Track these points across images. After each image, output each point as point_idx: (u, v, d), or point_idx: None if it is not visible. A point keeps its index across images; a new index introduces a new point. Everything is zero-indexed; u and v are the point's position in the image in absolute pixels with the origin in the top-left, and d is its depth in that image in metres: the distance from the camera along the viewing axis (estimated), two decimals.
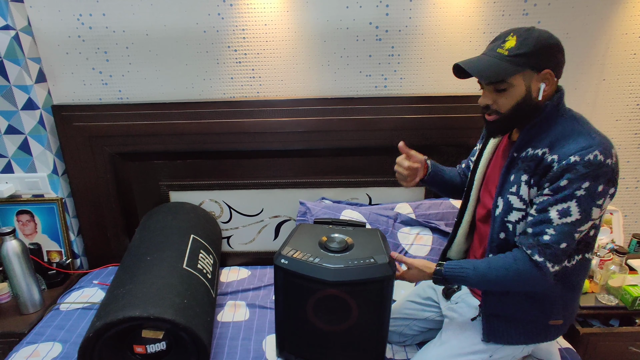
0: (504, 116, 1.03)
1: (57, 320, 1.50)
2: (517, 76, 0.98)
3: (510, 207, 1.05)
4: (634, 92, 1.75)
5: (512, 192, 1.05)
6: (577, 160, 0.92)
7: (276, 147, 1.75)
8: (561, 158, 0.94)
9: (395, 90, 1.75)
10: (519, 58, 0.96)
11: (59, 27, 1.62)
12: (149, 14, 1.61)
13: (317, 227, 1.37)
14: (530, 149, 1.03)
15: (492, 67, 0.97)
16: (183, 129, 1.71)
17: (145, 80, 1.72)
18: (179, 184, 1.83)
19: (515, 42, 0.97)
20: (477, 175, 1.22)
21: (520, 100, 1.00)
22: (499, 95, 1.01)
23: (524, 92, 1.00)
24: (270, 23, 1.63)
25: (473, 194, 1.23)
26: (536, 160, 1.01)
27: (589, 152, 0.91)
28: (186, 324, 1.16)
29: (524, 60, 0.97)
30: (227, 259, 1.95)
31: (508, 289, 1.06)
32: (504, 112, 1.02)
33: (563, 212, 0.95)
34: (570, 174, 0.93)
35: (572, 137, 0.96)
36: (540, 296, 1.08)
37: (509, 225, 1.06)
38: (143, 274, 1.31)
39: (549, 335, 1.13)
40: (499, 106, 1.02)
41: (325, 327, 1.22)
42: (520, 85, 0.99)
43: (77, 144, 1.72)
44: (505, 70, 0.97)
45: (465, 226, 1.27)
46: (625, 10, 1.63)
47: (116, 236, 1.88)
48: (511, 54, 0.97)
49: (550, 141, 0.99)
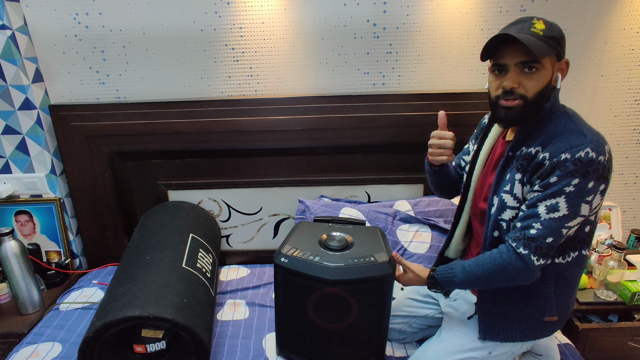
0: (529, 101, 0.98)
1: (56, 321, 1.50)
2: (547, 59, 0.96)
3: (504, 205, 1.06)
4: (633, 87, 1.75)
5: (506, 190, 1.05)
6: (567, 158, 0.92)
7: (274, 145, 1.75)
8: (552, 155, 0.94)
9: (393, 87, 1.75)
10: (552, 41, 0.94)
11: (55, 27, 1.61)
12: (145, 13, 1.60)
13: (317, 226, 1.36)
14: (524, 148, 1.03)
15: (536, 42, 0.92)
16: (181, 128, 1.71)
17: (142, 79, 1.71)
18: (178, 183, 1.82)
19: (545, 25, 0.95)
20: (474, 176, 1.20)
21: (545, 85, 0.97)
22: (527, 78, 0.97)
23: (549, 77, 0.98)
24: (268, 21, 1.63)
25: (470, 194, 1.22)
26: (529, 158, 1.01)
27: (580, 149, 0.91)
28: (186, 323, 1.16)
29: (554, 44, 0.95)
30: (226, 258, 1.95)
31: (496, 284, 1.06)
32: (530, 97, 0.97)
33: (551, 208, 0.95)
34: (560, 170, 0.93)
35: (564, 135, 0.96)
36: (535, 293, 1.08)
37: (503, 223, 1.07)
38: (142, 273, 1.31)
39: (545, 331, 1.13)
40: (526, 89, 0.97)
41: (325, 325, 1.22)
42: (549, 68, 0.97)
43: (75, 143, 1.72)
44: (545, 49, 0.92)
45: (462, 226, 1.27)
46: (623, 6, 1.63)
47: (115, 236, 1.88)
48: (546, 35, 0.94)
49: (544, 139, 0.99)
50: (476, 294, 1.20)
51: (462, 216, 1.26)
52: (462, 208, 1.25)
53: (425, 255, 1.61)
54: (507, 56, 0.97)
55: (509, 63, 0.97)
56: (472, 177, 1.21)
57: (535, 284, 1.07)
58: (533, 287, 1.07)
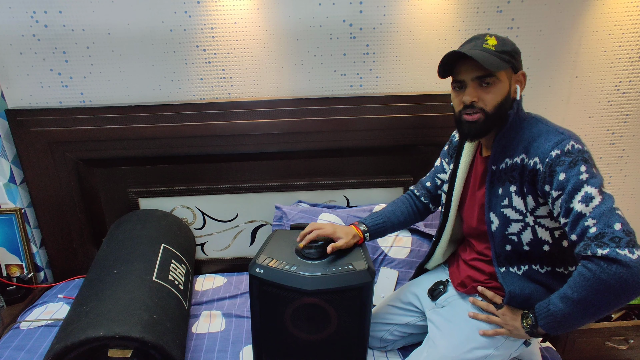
0: (489, 115, 1.01)
1: (16, 341, 1.40)
2: (502, 72, 1.00)
3: (507, 220, 1.05)
4: (605, 89, 1.78)
5: (505, 204, 1.04)
6: (558, 154, 0.93)
7: (250, 150, 1.69)
8: (542, 158, 0.95)
9: (371, 89, 1.72)
10: (505, 55, 0.99)
11: (10, 25, 1.51)
12: (110, 12, 1.52)
13: (294, 233, 1.32)
14: (507, 159, 1.03)
15: (489, 57, 0.96)
16: (151, 132, 1.63)
17: (108, 82, 1.62)
18: (149, 191, 1.74)
19: (497, 41, 1.00)
20: (454, 195, 1.21)
21: (504, 97, 1.01)
22: (484, 91, 1.00)
23: (507, 90, 1.02)
24: (240, 21, 1.57)
25: (451, 214, 1.23)
26: (518, 168, 1.00)
27: (565, 143, 0.93)
28: (156, 342, 1.10)
29: (508, 58, 0.99)
30: (201, 267, 1.88)
31: (607, 304, 0.89)
32: (489, 109, 1.01)
33: (585, 199, 0.89)
34: (560, 166, 0.92)
35: (542, 137, 0.97)
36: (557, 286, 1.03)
37: (513, 237, 1.05)
38: (109, 288, 1.23)
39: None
40: (485, 102, 1.00)
41: (305, 337, 1.17)
42: (505, 81, 1.01)
43: (36, 150, 1.62)
44: (498, 63, 0.96)
45: (443, 245, 1.28)
46: (596, 8, 1.64)
47: (83, 246, 1.78)
48: (498, 50, 0.98)
49: (524, 146, 1.00)
50: (464, 288, 1.21)
51: (442, 235, 1.27)
52: (442, 228, 1.26)
53: (405, 261, 1.59)
54: (463, 72, 1.01)
55: (466, 79, 1.02)
56: (452, 197, 1.22)
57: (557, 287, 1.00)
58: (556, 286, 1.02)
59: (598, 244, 0.86)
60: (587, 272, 0.87)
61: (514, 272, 1.09)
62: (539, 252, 1.05)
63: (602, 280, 0.85)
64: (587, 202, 0.89)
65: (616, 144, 1.87)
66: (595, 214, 0.88)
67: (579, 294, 0.89)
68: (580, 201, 0.90)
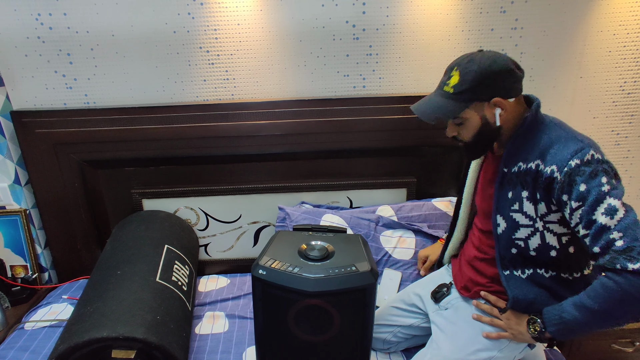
0: (470, 144, 1.08)
1: (20, 341, 1.40)
2: (467, 110, 1.02)
3: (516, 225, 1.04)
4: (610, 89, 1.76)
5: (515, 209, 1.03)
6: (577, 163, 0.91)
7: (253, 151, 1.69)
8: (560, 166, 0.93)
9: (374, 90, 1.71)
10: (463, 94, 1.00)
11: (15, 28, 1.52)
12: (114, 14, 1.53)
13: (297, 235, 1.32)
14: (521, 163, 1.02)
15: (441, 108, 1.02)
16: (155, 134, 1.63)
17: (112, 83, 1.63)
18: (152, 192, 1.74)
19: (458, 77, 1.00)
20: (465, 192, 1.27)
21: (479, 129, 1.04)
22: (459, 128, 1.08)
23: (480, 122, 1.03)
24: (244, 22, 1.57)
25: (462, 211, 1.28)
26: (532, 174, 0.99)
27: (585, 153, 0.91)
28: (159, 342, 1.10)
29: (468, 96, 1.00)
30: (205, 268, 1.88)
31: (626, 316, 0.90)
32: (468, 141, 1.08)
33: (609, 211, 0.88)
34: (580, 176, 0.90)
35: (561, 143, 0.95)
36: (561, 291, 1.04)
37: (519, 242, 1.05)
38: (112, 289, 1.24)
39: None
40: (462, 136, 1.09)
41: (307, 338, 1.17)
42: (474, 116, 1.03)
43: (41, 151, 1.63)
44: (452, 110, 1.02)
45: (455, 240, 1.33)
46: (601, 8, 1.63)
47: (87, 247, 1.79)
48: (456, 92, 1.01)
49: (540, 152, 0.98)
50: (467, 293, 1.21)
51: (455, 232, 1.32)
52: (455, 224, 1.32)
53: (410, 262, 1.58)
54: None
55: None
56: (462, 195, 1.27)
57: (566, 295, 1.00)
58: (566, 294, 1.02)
59: (627, 257, 0.86)
60: (613, 285, 0.87)
61: (518, 276, 1.08)
62: (546, 257, 1.04)
63: (630, 293, 0.86)
64: (611, 214, 0.88)
65: (621, 144, 1.86)
66: (620, 227, 0.88)
67: (600, 305, 0.89)
68: (604, 213, 0.89)
